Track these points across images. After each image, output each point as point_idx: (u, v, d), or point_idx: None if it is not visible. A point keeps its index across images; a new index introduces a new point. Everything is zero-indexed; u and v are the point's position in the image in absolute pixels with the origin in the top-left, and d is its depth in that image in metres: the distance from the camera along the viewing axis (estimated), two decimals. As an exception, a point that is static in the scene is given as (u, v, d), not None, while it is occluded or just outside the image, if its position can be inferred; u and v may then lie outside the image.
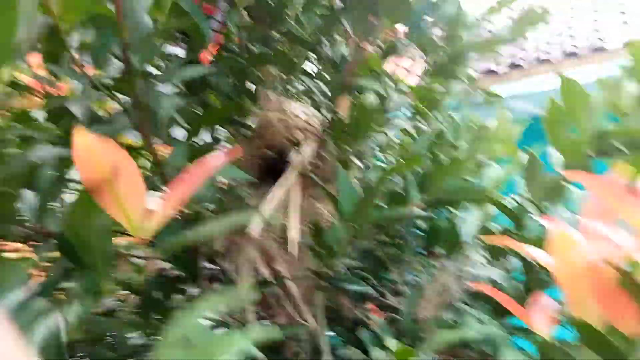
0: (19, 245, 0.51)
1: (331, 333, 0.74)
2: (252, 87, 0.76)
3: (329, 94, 0.69)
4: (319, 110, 0.73)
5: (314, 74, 0.77)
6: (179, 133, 0.64)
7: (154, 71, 0.58)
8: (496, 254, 0.83)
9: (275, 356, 0.70)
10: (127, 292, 0.71)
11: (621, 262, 0.34)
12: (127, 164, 0.25)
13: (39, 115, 0.54)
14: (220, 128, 0.76)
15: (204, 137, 0.73)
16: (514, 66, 3.48)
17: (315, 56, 0.74)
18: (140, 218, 0.27)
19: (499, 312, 0.73)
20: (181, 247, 0.55)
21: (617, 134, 0.65)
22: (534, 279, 0.68)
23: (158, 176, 0.51)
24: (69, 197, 0.55)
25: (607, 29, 3.55)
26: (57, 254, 0.35)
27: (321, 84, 0.73)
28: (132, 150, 0.58)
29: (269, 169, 0.75)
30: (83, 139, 0.23)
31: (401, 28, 0.67)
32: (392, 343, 0.56)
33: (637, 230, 0.33)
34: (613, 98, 0.65)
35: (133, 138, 0.57)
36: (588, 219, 0.37)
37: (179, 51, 0.70)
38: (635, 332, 0.35)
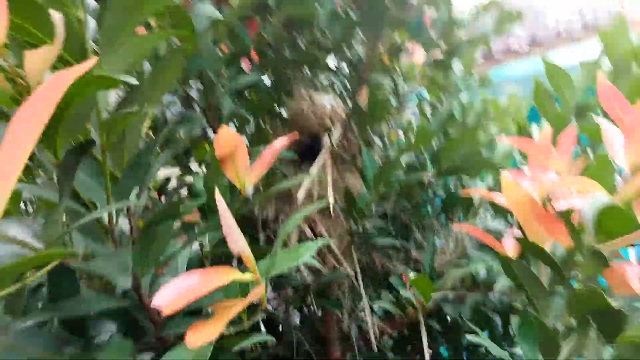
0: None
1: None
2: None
3: (349, 87, 0.85)
4: (342, 100, 0.90)
5: (336, 70, 0.93)
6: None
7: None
8: (499, 211, 0.98)
9: (323, 297, 0.88)
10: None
11: (549, 196, 0.50)
12: (242, 145, 0.44)
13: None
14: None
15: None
16: (534, 43, 3.54)
17: (337, 56, 0.90)
18: (246, 175, 0.45)
19: (503, 256, 0.89)
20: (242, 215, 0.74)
21: (595, 106, 0.80)
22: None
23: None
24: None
25: (628, 2, 3.55)
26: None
27: (343, 78, 0.89)
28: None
29: (306, 151, 0.92)
30: (227, 131, 0.42)
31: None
32: (411, 274, 0.73)
33: (559, 172, 0.50)
34: (592, 76, 0.79)
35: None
36: (532, 168, 0.53)
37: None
38: (568, 244, 0.51)
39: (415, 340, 0.83)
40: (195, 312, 0.47)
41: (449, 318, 0.89)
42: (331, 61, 0.93)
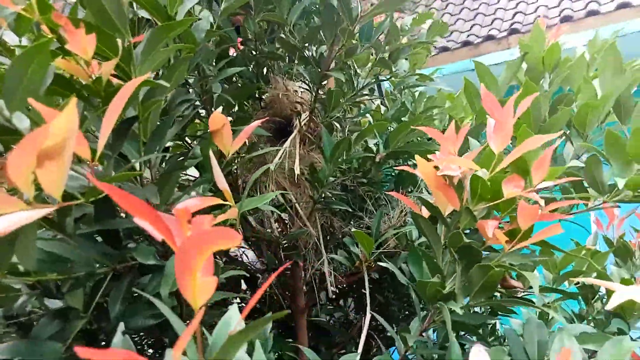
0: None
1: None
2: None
3: (314, 79, 1.04)
4: (309, 90, 1.10)
5: (305, 63, 1.11)
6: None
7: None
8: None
9: (291, 251, 1.08)
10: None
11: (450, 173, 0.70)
12: (227, 124, 0.63)
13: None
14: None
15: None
16: (513, 31, 3.75)
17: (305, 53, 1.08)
18: (230, 145, 0.64)
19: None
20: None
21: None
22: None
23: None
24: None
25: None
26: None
27: (310, 71, 1.08)
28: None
29: (280, 131, 1.11)
30: (218, 114, 0.61)
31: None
32: (356, 232, 0.93)
33: (454, 155, 0.70)
34: (515, 74, 0.99)
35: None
36: (442, 153, 0.73)
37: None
38: (457, 207, 0.71)
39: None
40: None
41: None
42: (302, 56, 1.10)
